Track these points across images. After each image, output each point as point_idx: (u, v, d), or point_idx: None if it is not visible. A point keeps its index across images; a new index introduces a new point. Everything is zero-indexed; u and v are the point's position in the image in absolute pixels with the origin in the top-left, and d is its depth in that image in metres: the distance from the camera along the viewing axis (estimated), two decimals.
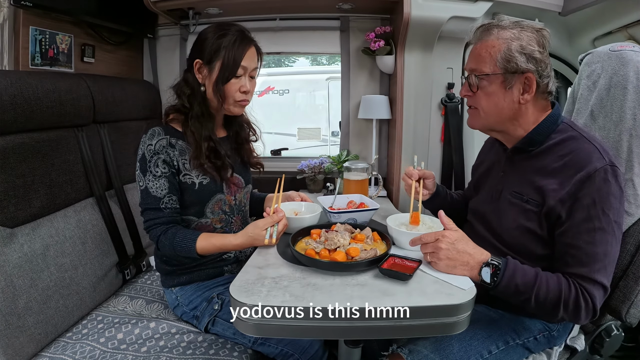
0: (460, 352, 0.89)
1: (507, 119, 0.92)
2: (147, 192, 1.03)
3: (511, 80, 0.87)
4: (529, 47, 0.86)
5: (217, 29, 1.07)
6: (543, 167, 0.89)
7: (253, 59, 1.10)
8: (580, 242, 0.80)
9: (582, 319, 0.80)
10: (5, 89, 0.99)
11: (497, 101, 0.90)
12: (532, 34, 0.87)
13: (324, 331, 0.75)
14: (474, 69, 0.92)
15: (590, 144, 0.84)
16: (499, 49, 0.87)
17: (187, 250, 1.01)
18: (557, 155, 0.87)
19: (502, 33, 0.88)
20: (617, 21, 1.55)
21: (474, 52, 0.93)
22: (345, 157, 1.84)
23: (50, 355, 1.01)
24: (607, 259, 0.79)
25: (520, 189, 0.92)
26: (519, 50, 0.85)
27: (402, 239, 0.98)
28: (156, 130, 1.05)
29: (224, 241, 1.01)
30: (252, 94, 1.14)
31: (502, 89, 0.89)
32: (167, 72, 1.91)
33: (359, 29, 1.81)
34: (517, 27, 0.88)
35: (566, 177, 0.83)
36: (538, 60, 0.86)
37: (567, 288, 0.79)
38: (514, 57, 0.85)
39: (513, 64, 0.86)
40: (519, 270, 0.81)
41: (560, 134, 0.89)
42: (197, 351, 1.02)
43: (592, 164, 0.80)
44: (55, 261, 1.09)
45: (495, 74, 0.88)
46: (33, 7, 1.22)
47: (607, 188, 0.79)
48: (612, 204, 0.79)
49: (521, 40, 0.86)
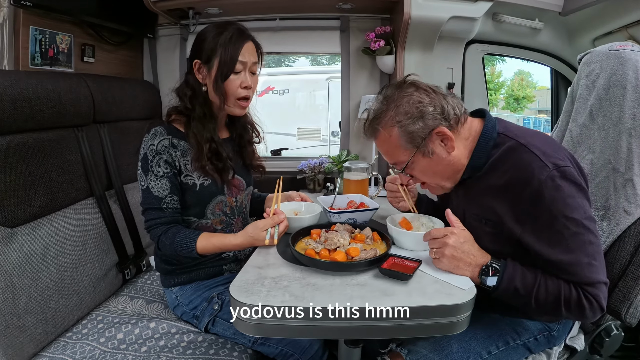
0: (460, 352, 0.89)
1: (453, 173, 0.91)
2: (148, 192, 1.03)
3: (428, 147, 0.86)
4: (415, 110, 0.84)
5: (215, 28, 1.07)
6: (489, 187, 0.86)
7: (252, 53, 1.09)
8: (558, 256, 0.77)
9: (589, 317, 0.79)
10: (5, 89, 0.99)
11: (434, 169, 0.90)
12: (407, 97, 0.86)
13: (324, 331, 0.75)
14: (394, 163, 0.93)
15: (528, 153, 0.80)
16: (396, 135, 0.86)
17: (187, 250, 1.01)
18: (501, 171, 0.84)
19: (384, 122, 0.87)
20: (617, 21, 1.55)
21: (381, 149, 0.94)
22: (345, 157, 1.84)
23: (50, 355, 1.01)
24: (592, 257, 0.77)
25: (477, 211, 0.89)
26: (411, 122, 0.84)
27: (402, 239, 0.98)
28: (158, 130, 1.05)
29: (224, 241, 1.01)
30: (254, 90, 1.14)
31: (428, 158, 0.88)
32: (167, 72, 1.91)
33: (359, 29, 1.81)
34: (390, 103, 0.87)
35: (514, 194, 0.80)
36: (431, 112, 0.84)
37: (567, 290, 0.78)
38: (413, 131, 0.85)
39: (417, 137, 0.85)
40: (518, 273, 0.80)
41: (499, 147, 0.86)
42: (197, 351, 1.02)
43: (535, 177, 0.77)
44: (55, 261, 1.09)
45: (413, 154, 0.88)
46: (33, 7, 1.22)
47: (561, 193, 0.76)
48: (572, 205, 0.76)
49: (402, 114, 0.85)
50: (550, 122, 2.39)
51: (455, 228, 0.85)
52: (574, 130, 1.10)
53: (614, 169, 0.99)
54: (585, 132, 1.06)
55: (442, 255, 0.82)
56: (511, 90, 8.98)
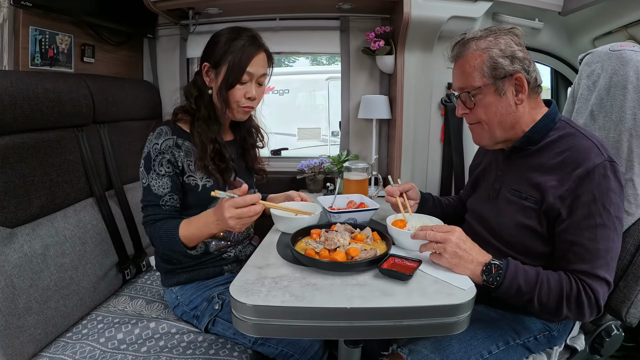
0: (460, 352, 0.89)
1: (510, 127, 0.92)
2: (149, 190, 1.04)
3: (503, 86, 0.88)
4: (509, 49, 0.87)
5: (230, 33, 1.06)
6: (541, 164, 0.89)
7: (261, 65, 1.08)
8: (582, 239, 0.80)
9: (586, 315, 0.80)
10: (5, 89, 0.99)
11: (496, 110, 0.90)
12: (507, 36, 0.89)
13: (324, 331, 0.75)
14: (463, 87, 0.93)
15: (588, 140, 0.84)
16: (482, 60, 0.88)
17: (172, 239, 0.97)
18: (555, 152, 0.87)
19: (479, 44, 0.89)
20: (617, 21, 1.54)
21: (457, 70, 0.94)
22: (345, 157, 1.84)
23: (50, 355, 1.01)
24: (609, 254, 0.79)
25: (518, 186, 0.92)
26: (501, 55, 0.87)
27: (402, 239, 0.98)
28: (163, 130, 1.05)
29: (203, 232, 0.96)
30: (259, 101, 1.13)
31: (497, 96, 0.89)
32: (167, 72, 1.91)
33: (359, 29, 1.80)
34: (491, 34, 0.90)
35: (565, 173, 0.83)
36: (521, 58, 0.87)
37: (568, 285, 0.79)
38: (499, 63, 0.87)
39: (500, 70, 0.87)
40: (520, 271, 0.81)
41: (558, 131, 0.90)
42: (197, 351, 1.02)
43: (591, 160, 0.80)
44: (55, 261, 1.09)
45: (486, 85, 0.89)
46: (33, 7, 1.22)
47: (607, 184, 0.79)
48: (612, 199, 0.79)
49: (499, 45, 0.88)
50: None
51: (458, 227, 0.86)
52: None
53: None
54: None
55: (444, 251, 0.82)
56: None
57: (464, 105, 0.94)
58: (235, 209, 0.88)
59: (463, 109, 0.95)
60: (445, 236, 0.83)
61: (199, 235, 0.98)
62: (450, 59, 0.97)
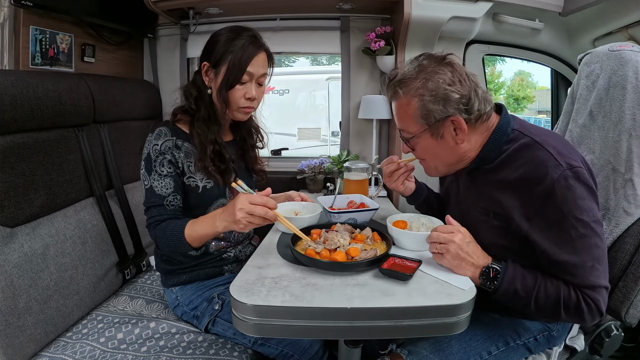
0: (460, 352, 0.89)
1: (455, 161, 0.91)
2: (152, 191, 1.02)
3: (439, 130, 0.86)
4: (441, 92, 0.82)
5: (230, 32, 1.05)
6: (500, 181, 0.85)
7: (261, 65, 1.07)
8: (564, 257, 0.77)
9: (587, 320, 0.79)
10: (5, 88, 0.99)
11: (436, 152, 0.90)
12: (439, 74, 0.83)
13: (324, 331, 0.75)
14: (401, 129, 0.92)
15: (543, 150, 0.80)
16: (414, 107, 0.85)
17: (178, 239, 0.95)
18: (512, 167, 0.83)
19: (409, 88, 0.85)
20: (617, 21, 1.54)
21: (394, 111, 0.92)
22: (345, 157, 1.84)
23: (50, 355, 1.01)
24: (596, 261, 0.77)
25: (484, 204, 0.89)
26: (433, 101, 0.83)
27: (402, 239, 0.98)
28: (163, 131, 1.04)
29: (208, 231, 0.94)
30: (259, 101, 1.13)
31: (435, 141, 0.87)
32: (167, 72, 1.91)
33: (359, 29, 1.81)
34: (421, 73, 0.84)
35: (525, 191, 0.80)
36: (456, 99, 0.82)
37: (567, 293, 0.78)
38: (430, 109, 0.84)
39: (432, 117, 0.84)
40: (518, 276, 0.80)
41: (513, 143, 0.86)
42: (197, 351, 1.02)
43: (549, 175, 0.76)
44: (55, 261, 1.09)
45: (422, 131, 0.87)
46: (33, 6, 1.22)
47: (572, 194, 0.75)
48: (582, 207, 0.76)
49: (429, 88, 0.83)
50: (550, 123, 2.39)
51: (461, 227, 0.85)
52: (574, 131, 1.10)
53: (614, 169, 0.99)
54: (585, 132, 1.06)
55: (447, 251, 0.82)
56: (511, 91, 8.98)
57: (406, 145, 0.94)
58: (249, 202, 0.85)
59: (406, 148, 0.95)
60: (448, 237, 0.83)
61: (204, 234, 0.95)
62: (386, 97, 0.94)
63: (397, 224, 1.01)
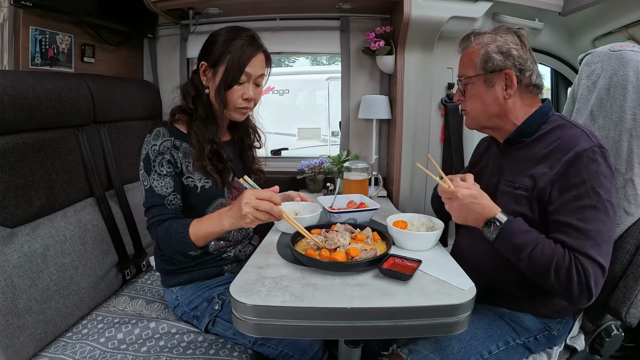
0: (460, 352, 0.89)
1: (495, 115, 0.97)
2: (151, 191, 1.02)
3: (492, 79, 0.94)
4: (505, 47, 0.93)
5: (228, 32, 1.05)
6: (533, 155, 0.92)
7: (259, 66, 1.07)
8: (571, 220, 0.81)
9: (574, 292, 0.78)
10: (5, 89, 0.99)
11: (483, 100, 0.97)
12: (509, 35, 0.95)
13: (324, 331, 0.75)
14: (460, 75, 1.02)
15: (577, 129, 0.88)
16: (478, 53, 0.95)
17: (182, 239, 0.95)
18: (546, 143, 0.91)
19: (480, 39, 0.97)
20: (617, 21, 1.55)
21: (459, 61, 1.03)
22: (345, 157, 1.84)
23: (50, 355, 1.01)
24: (600, 236, 0.79)
25: (512, 177, 0.95)
26: (496, 51, 0.93)
27: (402, 239, 0.98)
28: (161, 131, 1.05)
29: (214, 229, 0.94)
30: (256, 102, 1.13)
31: (485, 88, 0.96)
32: (167, 72, 1.91)
33: (359, 29, 1.81)
34: (494, 32, 0.97)
35: (555, 160, 0.86)
36: (515, 57, 0.92)
37: (561, 255, 0.79)
38: (492, 57, 0.93)
39: (491, 64, 0.94)
40: (519, 232, 0.84)
41: (551, 124, 0.94)
42: (197, 351, 1.02)
43: (580, 145, 0.83)
44: (55, 261, 1.09)
45: (477, 75, 0.96)
46: (33, 7, 1.22)
47: (596, 167, 0.82)
48: (602, 182, 0.81)
49: (497, 42, 0.94)
50: None
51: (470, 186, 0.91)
52: None
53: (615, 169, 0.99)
54: None
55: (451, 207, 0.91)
56: None
57: (460, 93, 1.03)
58: (255, 198, 0.86)
59: (459, 95, 1.03)
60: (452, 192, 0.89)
61: (210, 232, 0.94)
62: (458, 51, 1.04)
63: (397, 224, 1.01)
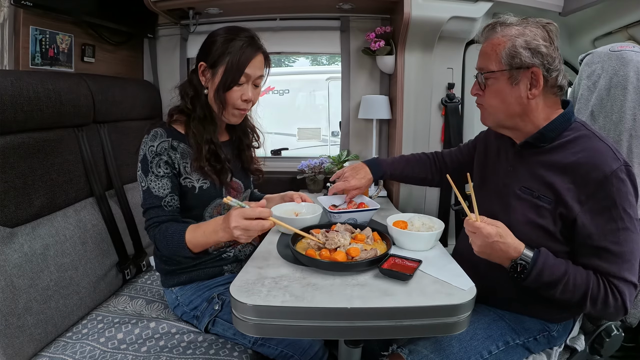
0: (461, 352, 0.89)
1: (516, 115, 0.90)
2: (149, 192, 1.03)
3: (517, 76, 0.87)
4: (534, 42, 0.85)
5: (227, 33, 1.05)
6: (554, 163, 0.87)
7: (259, 67, 1.07)
8: (607, 244, 0.80)
9: (611, 315, 0.82)
10: (5, 88, 0.99)
11: (505, 97, 0.89)
12: (538, 29, 0.87)
13: (324, 331, 0.75)
14: (481, 67, 0.93)
15: (603, 143, 0.84)
16: (504, 46, 0.87)
17: (179, 243, 0.95)
18: (570, 152, 0.85)
19: (506, 30, 0.88)
20: (617, 21, 1.55)
21: (481, 51, 0.93)
22: (345, 157, 1.84)
23: (50, 355, 1.01)
24: (633, 256, 0.81)
25: (530, 184, 0.90)
26: (524, 46, 0.85)
27: (402, 239, 0.98)
28: (158, 132, 1.05)
29: (209, 239, 0.94)
30: (254, 103, 1.13)
31: (509, 85, 0.88)
32: (167, 72, 1.91)
33: (359, 29, 1.81)
34: (522, 23, 0.88)
35: (580, 176, 0.82)
36: (544, 54, 0.84)
37: (595, 285, 0.80)
38: (519, 52, 0.85)
39: (517, 60, 0.85)
40: (547, 268, 0.81)
41: (573, 131, 0.88)
42: (197, 351, 1.02)
43: (608, 164, 0.80)
44: (55, 261, 1.09)
45: (501, 71, 0.88)
46: (33, 6, 1.22)
47: (625, 188, 0.80)
48: (631, 202, 0.81)
49: (525, 36, 0.85)
50: None
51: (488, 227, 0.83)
52: None
53: None
54: None
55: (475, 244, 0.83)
56: None
57: (478, 86, 0.94)
58: (243, 219, 0.84)
59: (477, 89, 0.95)
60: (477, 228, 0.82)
61: (205, 242, 0.94)
62: (479, 40, 0.97)
63: (397, 224, 1.01)
